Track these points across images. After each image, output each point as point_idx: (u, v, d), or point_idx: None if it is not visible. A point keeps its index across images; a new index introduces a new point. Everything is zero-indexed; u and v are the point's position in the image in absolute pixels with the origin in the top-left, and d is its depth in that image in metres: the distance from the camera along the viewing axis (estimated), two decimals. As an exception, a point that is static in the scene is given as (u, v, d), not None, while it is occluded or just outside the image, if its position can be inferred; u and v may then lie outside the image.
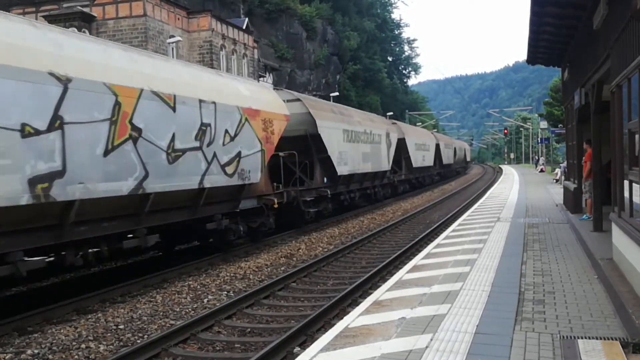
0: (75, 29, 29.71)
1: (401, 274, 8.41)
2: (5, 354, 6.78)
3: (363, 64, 75.49)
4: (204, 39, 38.35)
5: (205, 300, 9.23)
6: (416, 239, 14.61)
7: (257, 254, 13.49)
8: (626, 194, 7.66)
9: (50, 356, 6.75)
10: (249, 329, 7.76)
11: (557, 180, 30.13)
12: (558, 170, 32.39)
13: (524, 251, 9.69)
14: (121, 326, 7.83)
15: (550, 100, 65.61)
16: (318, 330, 7.36)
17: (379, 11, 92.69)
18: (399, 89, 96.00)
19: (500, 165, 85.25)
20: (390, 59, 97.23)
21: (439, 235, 13.40)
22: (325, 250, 14.02)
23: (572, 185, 15.45)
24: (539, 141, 66.75)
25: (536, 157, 68.44)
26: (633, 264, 6.91)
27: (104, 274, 11.65)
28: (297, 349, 6.61)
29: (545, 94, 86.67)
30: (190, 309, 8.72)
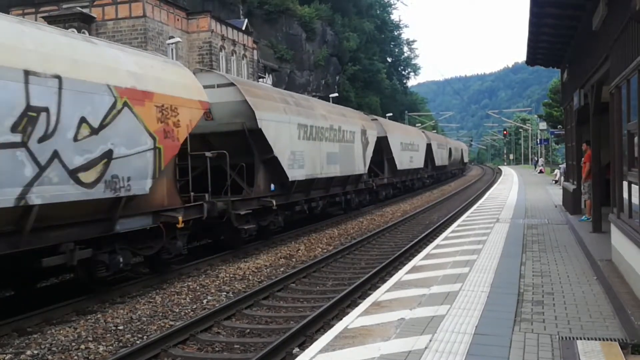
0: (74, 29, 29.74)
1: (400, 274, 8.42)
2: (4, 355, 6.78)
3: (362, 65, 75.50)
4: (204, 40, 38.39)
5: (205, 301, 9.23)
6: (415, 240, 14.62)
7: (257, 254, 13.49)
8: (625, 195, 7.67)
9: (49, 357, 6.76)
10: (248, 330, 7.77)
11: (557, 181, 30.16)
12: (557, 171, 32.42)
13: (523, 252, 9.69)
14: (120, 327, 7.83)
15: (550, 101, 65.73)
16: (317, 331, 7.37)
17: (378, 12, 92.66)
18: (399, 90, 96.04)
19: (499, 166, 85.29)
20: (389, 60, 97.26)
21: (438, 236, 13.41)
22: (325, 251, 14.02)
23: (572, 186, 15.47)
24: (538, 142, 66.77)
25: (535, 158, 68.43)
26: (632, 265, 6.92)
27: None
28: (297, 350, 6.62)
29: (545, 95, 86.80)
30: (189, 310, 8.73)
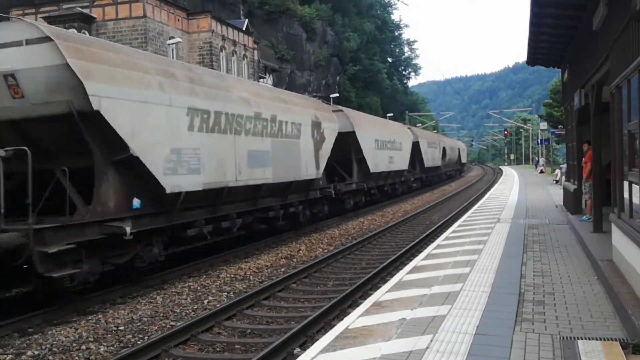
0: (74, 30, 29.74)
1: (401, 275, 8.41)
2: (5, 355, 6.78)
3: (363, 65, 75.47)
4: (204, 40, 38.39)
5: (206, 302, 9.24)
6: (416, 240, 14.62)
7: (257, 255, 13.49)
8: (626, 195, 7.66)
9: (50, 357, 6.76)
10: (249, 330, 7.77)
11: (557, 181, 30.16)
12: (558, 171, 32.41)
13: (524, 252, 9.69)
14: (121, 327, 7.83)
15: (550, 101, 65.80)
16: (318, 331, 7.37)
17: (378, 12, 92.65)
18: (399, 90, 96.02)
19: (500, 167, 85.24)
20: (390, 60, 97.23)
21: (439, 236, 13.41)
22: (326, 251, 14.02)
23: (572, 186, 15.46)
24: (539, 142, 66.76)
25: (536, 158, 68.35)
26: (633, 264, 6.92)
27: (104, 275, 11.63)
28: (298, 350, 6.62)
29: (545, 95, 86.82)
30: (190, 310, 8.73)
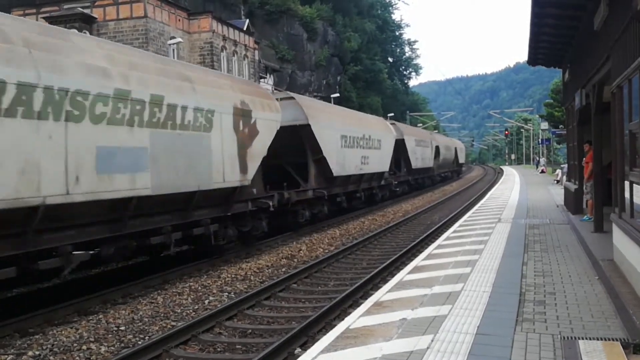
0: (75, 30, 29.74)
1: (402, 275, 8.41)
2: (6, 356, 6.79)
3: (364, 65, 75.51)
4: (205, 41, 38.40)
5: (207, 302, 9.24)
6: (417, 240, 14.61)
7: (258, 255, 13.49)
8: (627, 195, 7.66)
9: (51, 357, 6.76)
10: (250, 330, 7.77)
11: (558, 181, 30.14)
12: (559, 171, 32.40)
13: (524, 252, 9.68)
14: (122, 327, 7.83)
15: (551, 101, 65.74)
16: (319, 331, 7.36)
17: (379, 12, 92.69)
18: (400, 90, 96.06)
19: (501, 166, 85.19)
20: (391, 60, 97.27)
21: (440, 236, 13.40)
22: (326, 251, 14.02)
23: (573, 186, 15.45)
24: (540, 142, 66.72)
25: (537, 158, 68.27)
26: (634, 264, 6.91)
27: (105, 275, 11.66)
28: (298, 350, 6.62)
29: (546, 95, 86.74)
30: (191, 310, 8.73)
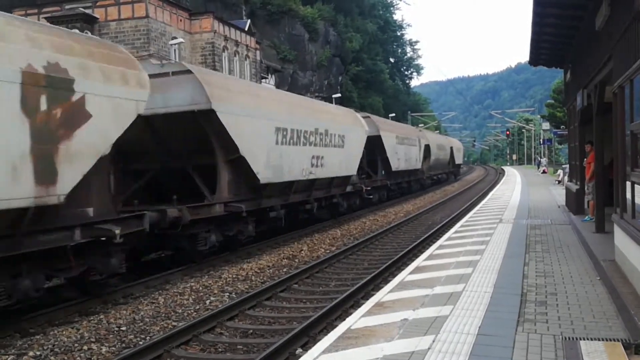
0: (77, 30, 29.77)
1: (403, 275, 8.40)
2: (7, 356, 6.79)
3: (365, 65, 75.51)
4: (206, 41, 38.44)
5: (208, 302, 9.23)
6: (418, 241, 14.60)
7: (259, 255, 13.49)
8: (628, 196, 7.65)
9: (52, 358, 6.76)
10: (251, 331, 7.76)
11: (560, 182, 30.12)
12: (560, 172, 32.38)
13: (526, 252, 9.67)
14: (123, 328, 7.83)
15: (553, 101, 65.72)
16: (320, 331, 7.36)
17: (381, 12, 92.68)
18: (401, 90, 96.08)
19: (502, 167, 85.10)
20: (392, 61, 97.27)
21: (441, 237, 13.39)
22: (328, 251, 14.01)
23: (575, 187, 15.43)
24: (541, 142, 66.64)
25: (538, 159, 68.21)
26: (635, 265, 6.90)
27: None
28: (300, 351, 6.61)
29: (548, 95, 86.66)
30: (192, 311, 8.73)
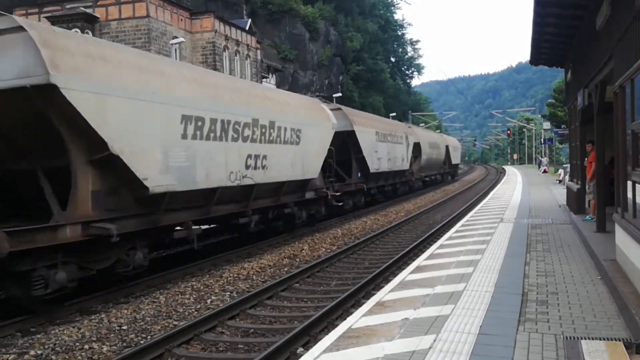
0: (78, 30, 29.81)
1: (404, 274, 8.40)
2: (8, 355, 6.79)
3: (366, 64, 75.52)
4: (207, 40, 38.43)
5: (209, 301, 9.24)
6: (419, 240, 14.60)
7: (260, 254, 13.49)
8: (629, 195, 7.64)
9: (53, 357, 6.76)
10: (252, 330, 7.77)
11: (561, 181, 30.12)
12: (561, 171, 32.37)
13: (527, 252, 9.67)
14: (124, 327, 7.84)
15: (553, 101, 65.60)
16: (321, 331, 7.36)
17: (381, 12, 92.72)
18: (402, 89, 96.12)
19: (503, 166, 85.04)
20: (393, 60, 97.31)
21: (442, 236, 13.38)
22: (329, 251, 14.01)
23: (575, 186, 15.42)
24: (542, 142, 66.59)
25: (539, 158, 68.16)
26: (636, 264, 6.90)
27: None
28: (301, 350, 6.61)
29: (549, 94, 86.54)
30: (193, 310, 8.73)
